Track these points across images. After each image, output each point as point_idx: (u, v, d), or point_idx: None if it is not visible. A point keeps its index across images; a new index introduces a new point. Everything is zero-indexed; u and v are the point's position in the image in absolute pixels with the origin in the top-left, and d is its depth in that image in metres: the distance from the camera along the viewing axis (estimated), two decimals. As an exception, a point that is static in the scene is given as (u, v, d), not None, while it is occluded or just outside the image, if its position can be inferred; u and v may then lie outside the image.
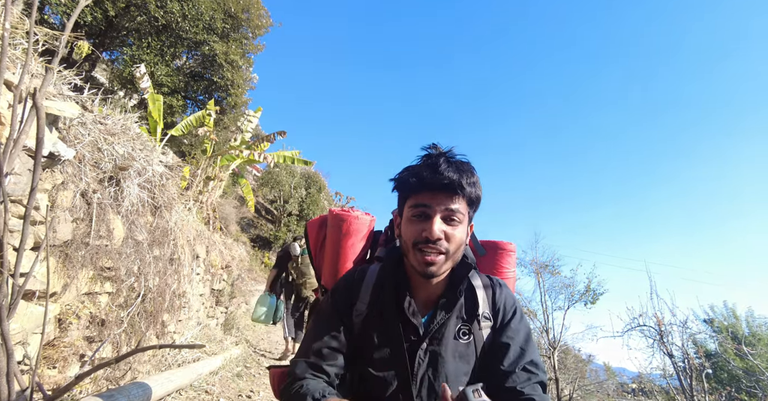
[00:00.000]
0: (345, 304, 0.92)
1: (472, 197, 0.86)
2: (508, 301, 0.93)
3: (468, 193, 0.84)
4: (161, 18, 9.04)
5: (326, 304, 0.95)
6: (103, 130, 2.38)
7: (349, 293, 0.93)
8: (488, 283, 0.95)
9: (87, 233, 2.00)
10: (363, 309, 0.90)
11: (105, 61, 11.10)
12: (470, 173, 0.85)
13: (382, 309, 0.90)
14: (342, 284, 0.97)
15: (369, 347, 0.88)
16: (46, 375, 1.82)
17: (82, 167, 2.03)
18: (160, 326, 2.95)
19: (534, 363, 0.84)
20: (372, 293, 0.92)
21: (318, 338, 0.88)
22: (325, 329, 0.89)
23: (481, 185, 0.88)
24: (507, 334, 0.88)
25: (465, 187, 0.83)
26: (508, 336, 0.87)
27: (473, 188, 0.85)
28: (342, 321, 0.90)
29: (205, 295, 4.73)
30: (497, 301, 0.92)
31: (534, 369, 0.82)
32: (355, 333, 0.90)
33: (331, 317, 0.91)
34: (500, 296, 0.93)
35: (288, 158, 7.86)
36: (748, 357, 4.84)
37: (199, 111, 7.37)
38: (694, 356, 4.63)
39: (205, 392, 3.12)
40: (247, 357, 4.79)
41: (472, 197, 0.86)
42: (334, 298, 0.94)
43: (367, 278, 0.94)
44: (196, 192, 6.39)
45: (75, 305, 1.99)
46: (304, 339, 0.94)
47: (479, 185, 0.87)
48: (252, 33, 10.92)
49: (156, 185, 2.79)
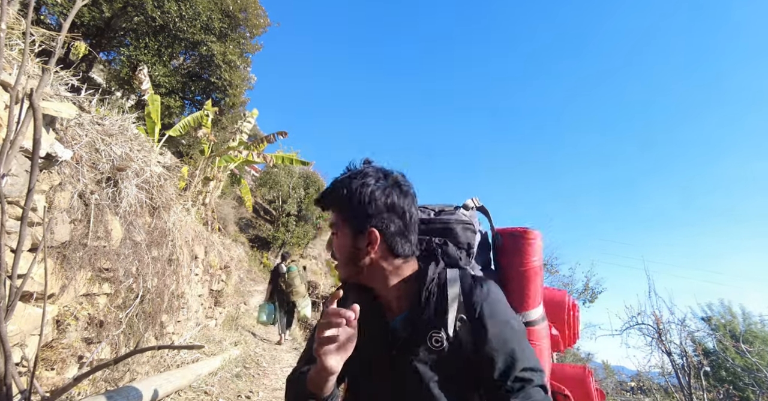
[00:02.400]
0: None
1: (337, 202, 0.86)
2: (487, 302, 0.82)
3: (331, 202, 0.87)
4: (158, 18, 9.02)
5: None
6: (101, 131, 2.37)
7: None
8: (468, 282, 0.87)
9: (85, 234, 1.99)
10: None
11: (102, 61, 11.07)
12: (334, 183, 0.88)
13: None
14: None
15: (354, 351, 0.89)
16: (44, 376, 1.82)
17: (79, 168, 2.02)
18: (158, 327, 2.95)
19: (528, 368, 0.76)
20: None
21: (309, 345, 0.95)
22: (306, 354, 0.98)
23: (349, 186, 0.84)
24: (491, 342, 0.79)
25: (326, 198, 0.87)
26: (491, 345, 0.78)
27: (334, 194, 0.86)
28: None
29: (204, 296, 4.73)
30: (474, 303, 0.82)
31: (529, 375, 0.76)
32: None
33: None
34: (478, 297, 0.83)
35: (286, 158, 7.86)
36: (746, 355, 4.86)
37: (197, 112, 7.36)
38: (692, 354, 4.64)
39: (204, 393, 3.12)
40: (246, 358, 4.79)
41: (336, 203, 0.86)
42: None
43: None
44: (194, 193, 6.38)
45: (73, 306, 1.98)
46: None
47: (351, 192, 0.83)
48: (250, 33, 10.90)
49: (154, 185, 2.79)
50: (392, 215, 0.84)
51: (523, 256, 1.05)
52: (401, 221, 0.84)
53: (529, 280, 1.04)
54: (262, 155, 7.39)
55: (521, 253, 1.05)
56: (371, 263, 0.85)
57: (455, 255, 0.94)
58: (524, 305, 1.03)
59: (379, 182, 0.85)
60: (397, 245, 0.84)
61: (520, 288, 1.03)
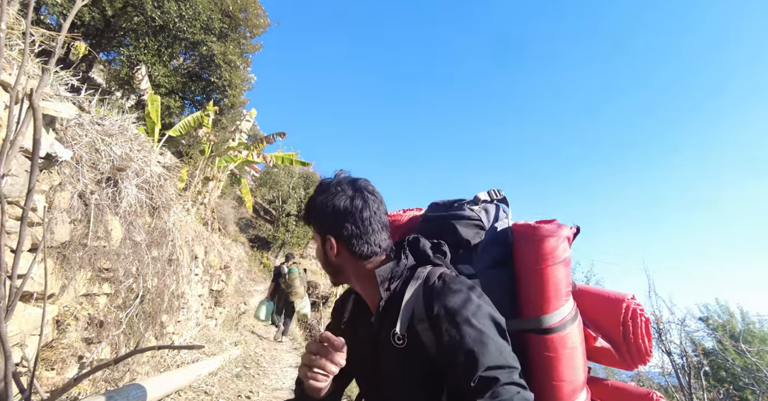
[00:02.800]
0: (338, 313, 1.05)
1: (311, 219, 0.95)
2: (448, 300, 0.78)
3: (306, 217, 0.97)
4: (158, 18, 9.01)
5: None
6: (101, 131, 2.37)
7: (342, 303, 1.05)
8: (432, 280, 0.83)
9: (85, 234, 1.99)
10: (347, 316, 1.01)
11: (102, 61, 11.07)
12: (307, 202, 0.96)
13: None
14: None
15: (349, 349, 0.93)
16: (44, 376, 1.82)
17: (79, 168, 2.02)
18: (158, 327, 2.95)
19: (493, 367, 0.70)
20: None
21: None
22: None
23: (314, 200, 0.93)
24: (450, 342, 0.75)
25: (305, 215, 0.98)
26: (451, 345, 0.74)
27: (308, 213, 0.95)
28: (331, 330, 1.02)
29: (204, 296, 4.73)
30: (434, 301, 0.79)
31: (494, 373, 0.70)
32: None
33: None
34: (438, 295, 0.79)
35: (286, 158, 7.85)
36: (746, 355, 4.86)
37: (197, 112, 7.36)
38: (692, 354, 4.64)
39: (205, 393, 3.12)
40: (247, 358, 4.78)
41: (311, 220, 0.95)
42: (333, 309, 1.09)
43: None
44: (194, 193, 6.38)
45: (73, 306, 1.98)
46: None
47: (314, 205, 0.92)
48: (250, 33, 10.90)
49: (154, 185, 2.78)
50: (345, 221, 0.87)
51: (538, 253, 0.93)
52: (355, 225, 0.87)
53: (546, 280, 0.91)
54: (262, 155, 7.38)
55: (536, 249, 0.93)
56: (339, 265, 0.92)
57: (425, 252, 0.90)
58: (540, 308, 0.92)
59: (337, 191, 0.90)
60: (356, 248, 0.88)
61: (535, 289, 0.93)
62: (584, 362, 0.95)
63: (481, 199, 1.05)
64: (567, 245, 0.95)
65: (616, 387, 1.06)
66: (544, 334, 0.90)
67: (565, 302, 0.92)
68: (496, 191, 1.07)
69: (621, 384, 1.08)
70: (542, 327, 0.91)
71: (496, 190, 1.07)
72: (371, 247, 0.88)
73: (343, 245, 0.88)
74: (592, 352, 1.02)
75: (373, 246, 0.88)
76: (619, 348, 1.00)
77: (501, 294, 0.92)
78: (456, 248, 0.98)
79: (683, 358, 4.49)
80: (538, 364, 0.91)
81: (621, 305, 1.00)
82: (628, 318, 0.99)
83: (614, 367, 1.07)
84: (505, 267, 0.98)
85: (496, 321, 0.77)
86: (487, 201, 1.06)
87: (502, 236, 1.00)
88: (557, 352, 0.89)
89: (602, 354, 1.02)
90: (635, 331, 0.98)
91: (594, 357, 1.04)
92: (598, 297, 1.05)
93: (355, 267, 0.90)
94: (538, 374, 0.90)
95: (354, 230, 0.87)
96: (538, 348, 0.91)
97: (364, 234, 0.87)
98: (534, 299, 0.93)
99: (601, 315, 1.03)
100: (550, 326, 0.90)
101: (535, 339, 0.92)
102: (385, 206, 0.93)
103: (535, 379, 0.90)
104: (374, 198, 0.90)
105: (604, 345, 1.01)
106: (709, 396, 4.46)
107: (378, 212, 0.89)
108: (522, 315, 0.94)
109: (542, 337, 0.90)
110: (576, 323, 0.94)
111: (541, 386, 0.89)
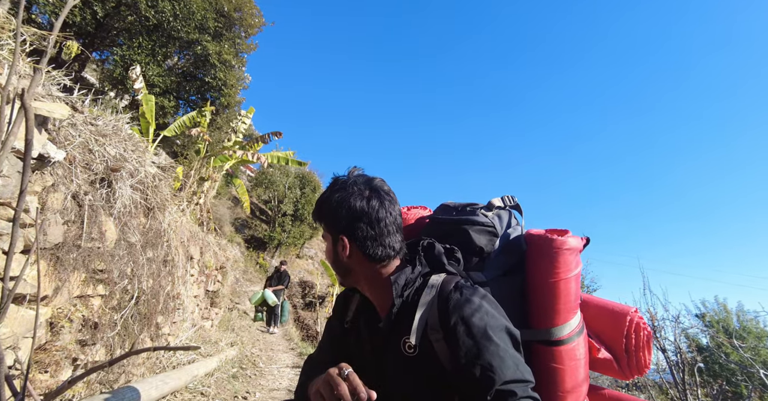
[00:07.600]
0: (337, 315, 1.05)
1: (323, 217, 0.92)
2: (464, 311, 0.76)
3: (317, 215, 0.94)
4: (152, 17, 8.95)
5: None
6: (94, 131, 2.35)
7: (343, 304, 1.05)
8: (448, 289, 0.81)
9: (78, 235, 1.98)
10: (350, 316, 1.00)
11: (95, 61, 10.97)
12: (320, 199, 0.93)
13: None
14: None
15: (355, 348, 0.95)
16: (37, 379, 1.80)
17: (72, 169, 2.00)
18: (154, 328, 2.93)
19: (511, 381, 0.69)
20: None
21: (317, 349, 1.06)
22: (320, 342, 1.06)
23: (327, 198, 0.90)
24: (467, 355, 0.73)
25: (315, 212, 0.95)
26: (468, 359, 0.72)
27: (320, 211, 0.92)
28: (329, 332, 1.04)
29: (200, 296, 4.71)
30: (450, 312, 0.77)
31: (511, 387, 0.68)
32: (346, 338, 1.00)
33: (325, 331, 1.07)
34: (455, 306, 0.77)
35: (282, 158, 7.83)
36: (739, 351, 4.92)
37: (192, 111, 7.31)
38: (686, 350, 4.69)
39: (201, 394, 3.10)
40: (243, 359, 4.77)
41: (323, 218, 0.92)
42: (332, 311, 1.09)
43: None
44: (189, 193, 6.34)
45: (67, 308, 1.97)
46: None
47: (329, 203, 0.89)
48: (245, 32, 10.84)
49: (149, 186, 2.76)
50: (360, 222, 0.84)
51: (551, 265, 0.91)
52: (371, 226, 0.84)
53: (558, 294, 0.90)
54: (258, 155, 7.36)
55: (550, 262, 0.92)
56: (351, 267, 0.88)
57: (440, 259, 0.88)
58: (551, 320, 0.91)
59: (353, 191, 0.86)
60: (369, 250, 0.85)
61: (546, 302, 0.91)
62: (587, 373, 0.96)
63: (495, 205, 1.01)
64: (579, 259, 0.94)
65: (613, 396, 1.07)
66: (552, 346, 0.91)
67: (574, 315, 0.93)
68: (510, 197, 1.05)
69: (618, 394, 1.09)
70: (551, 339, 0.90)
71: (510, 196, 1.05)
72: (385, 250, 0.85)
73: (356, 246, 0.85)
74: (593, 362, 1.03)
75: (387, 249, 0.85)
76: (620, 360, 1.01)
77: (511, 303, 0.90)
78: (466, 253, 0.95)
79: (677, 355, 4.53)
80: (544, 375, 0.90)
81: (625, 318, 1.01)
82: (632, 330, 1.00)
83: (612, 377, 1.08)
84: (516, 276, 0.97)
85: (512, 334, 0.76)
86: (501, 208, 1.03)
87: (515, 244, 0.99)
88: (564, 364, 0.90)
89: (603, 364, 1.03)
90: (637, 344, 0.99)
91: (594, 367, 1.04)
92: (602, 309, 1.06)
93: (367, 270, 0.87)
94: (544, 384, 0.90)
95: (369, 231, 0.84)
96: (546, 359, 0.91)
97: (378, 236, 0.84)
98: (545, 312, 0.92)
99: (605, 327, 1.03)
100: (559, 338, 0.90)
101: (543, 350, 0.92)
102: (399, 206, 0.90)
103: (540, 390, 0.88)
104: (390, 199, 0.87)
105: (606, 356, 1.02)
106: (703, 392, 4.51)
107: (393, 214, 0.87)
108: (531, 326, 0.94)
109: (550, 349, 0.91)
110: (582, 335, 0.94)
111: (546, 397, 0.89)
